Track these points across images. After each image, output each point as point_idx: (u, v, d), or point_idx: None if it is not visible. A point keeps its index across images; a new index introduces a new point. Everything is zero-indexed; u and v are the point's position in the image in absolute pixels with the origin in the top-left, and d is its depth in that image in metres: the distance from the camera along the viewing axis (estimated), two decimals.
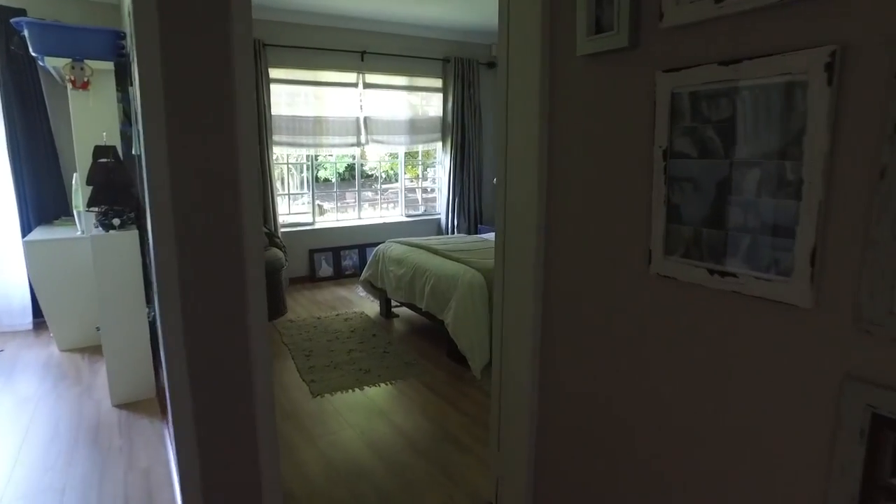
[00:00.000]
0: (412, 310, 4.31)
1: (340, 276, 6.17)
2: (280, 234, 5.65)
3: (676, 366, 1.37)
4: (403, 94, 6.33)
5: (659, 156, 1.37)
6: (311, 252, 6.03)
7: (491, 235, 5.30)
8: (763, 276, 1.18)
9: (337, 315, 4.87)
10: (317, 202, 7.08)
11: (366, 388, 3.39)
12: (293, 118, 5.70)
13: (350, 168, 7.10)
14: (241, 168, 1.46)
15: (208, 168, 1.47)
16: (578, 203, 1.66)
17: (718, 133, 1.24)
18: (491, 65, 6.76)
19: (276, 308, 4.79)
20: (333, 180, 6.56)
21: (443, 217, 6.72)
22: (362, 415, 3.05)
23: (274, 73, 5.49)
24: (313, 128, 5.81)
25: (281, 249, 5.11)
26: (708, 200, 1.28)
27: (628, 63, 1.43)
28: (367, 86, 6.05)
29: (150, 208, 1.42)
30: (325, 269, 6.11)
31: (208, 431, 1.62)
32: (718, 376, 1.28)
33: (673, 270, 1.37)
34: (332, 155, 6.31)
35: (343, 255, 6.20)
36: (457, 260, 3.98)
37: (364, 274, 4.89)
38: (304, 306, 5.19)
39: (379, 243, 6.27)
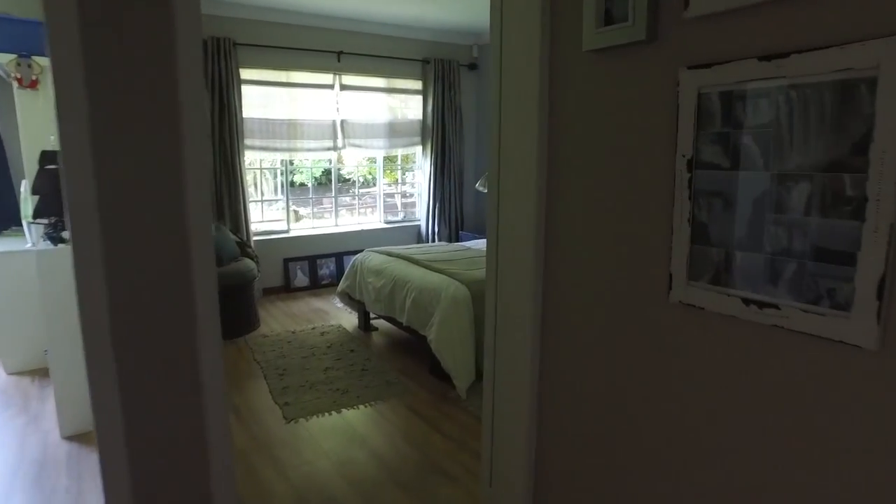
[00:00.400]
0: (392, 324, 4.09)
1: (317, 285, 5.91)
2: (253, 243, 5.38)
3: (700, 409, 1.18)
4: (381, 96, 6.11)
5: (682, 166, 1.18)
6: (286, 261, 5.77)
7: (475, 243, 5.10)
8: (812, 308, 1.00)
9: (313, 328, 4.62)
10: (293, 208, 6.81)
11: (343, 410, 3.16)
12: (266, 121, 5.44)
13: (327, 173, 6.85)
14: (188, 176, 1.23)
15: (144, 176, 1.24)
16: (583, 219, 1.47)
17: (757, 140, 1.06)
18: (472, 66, 6.58)
19: (248, 322, 4.52)
20: (309, 185, 6.30)
21: (423, 223, 6.51)
22: (339, 441, 2.81)
23: (245, 73, 5.22)
24: (287, 131, 5.56)
25: (253, 259, 4.85)
26: (743, 219, 1.10)
27: (645, 59, 1.25)
28: (343, 87, 5.82)
29: (70, 222, 1.18)
30: (301, 279, 5.84)
31: (146, 480, 1.38)
32: (754, 425, 1.09)
33: (699, 298, 1.19)
34: (307, 159, 6.05)
35: (319, 264, 5.95)
36: (439, 271, 3.77)
37: (341, 285, 4.65)
38: (278, 319, 4.92)
39: (357, 251, 6.03)
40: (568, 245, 1.52)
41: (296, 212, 7.46)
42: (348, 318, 4.87)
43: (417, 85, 6.30)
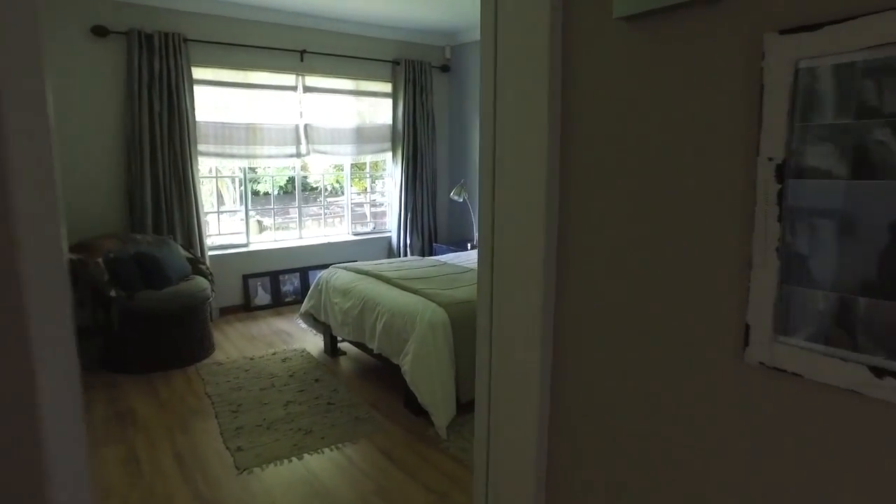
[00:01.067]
0: (362, 350, 3.68)
1: (279, 303, 5.46)
2: (208, 259, 4.90)
3: None
4: (349, 99, 5.71)
5: (769, 174, 0.83)
6: (246, 278, 5.30)
7: (450, 258, 4.72)
8: None
9: (273, 354, 4.17)
10: (257, 219, 6.36)
11: (306, 455, 2.74)
12: (222, 125, 4.98)
13: (293, 181, 6.43)
14: (14, 178, 0.81)
15: None
16: (610, 244, 1.10)
17: None
18: (445, 68, 6.23)
19: (201, 347, 4.06)
20: (272, 194, 5.85)
21: (394, 235, 6.11)
22: (300, 497, 2.40)
23: (198, 72, 4.77)
24: (246, 136, 5.11)
25: (207, 277, 4.38)
26: (873, 250, 0.75)
27: (709, 22, 0.89)
28: (307, 89, 5.41)
29: None
30: (262, 297, 5.38)
31: None
32: None
33: (793, 361, 0.83)
34: (268, 167, 5.60)
35: (282, 281, 5.50)
36: (413, 291, 3.39)
37: (304, 305, 4.22)
38: (235, 343, 4.46)
39: (323, 266, 5.60)
40: (588, 276, 1.15)
41: (259, 222, 7.01)
42: (313, 341, 4.44)
43: (387, 87, 5.92)
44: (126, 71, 4.35)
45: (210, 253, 5.05)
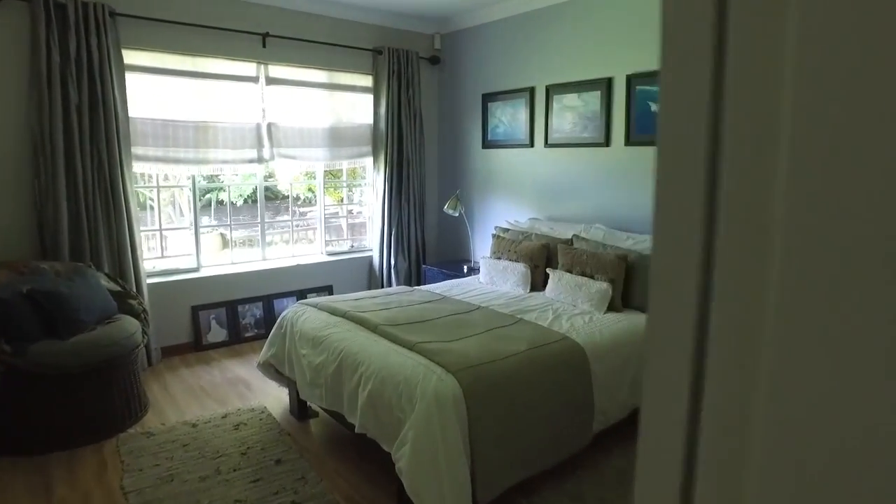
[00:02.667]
0: (339, 422, 2.78)
1: (237, 339, 4.51)
2: (145, 290, 3.94)
3: None
4: (321, 94, 4.80)
5: None
6: (196, 310, 4.34)
7: (450, 287, 3.83)
8: None
9: (225, 417, 3.23)
10: (220, 231, 5.41)
11: None
12: (165, 123, 4.03)
13: (256, 192, 5.50)
14: None
15: None
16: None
17: None
18: (434, 60, 5.37)
19: (128, 411, 3.11)
20: (228, 206, 4.89)
21: (375, 255, 5.21)
22: None
23: (132, 56, 3.81)
24: (195, 137, 4.17)
25: (139, 316, 3.42)
26: None
27: None
28: (271, 81, 4.49)
29: None
30: (216, 333, 4.43)
31: None
32: None
33: None
34: (222, 174, 4.65)
35: (241, 312, 4.55)
36: (409, 346, 2.50)
37: (264, 354, 3.29)
38: (177, 399, 3.51)
39: (291, 295, 4.68)
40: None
41: (223, 235, 6.08)
42: (277, 395, 3.51)
43: (367, 81, 5.03)
44: (30, 50, 3.38)
45: (150, 281, 4.09)
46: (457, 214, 4.83)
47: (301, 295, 4.81)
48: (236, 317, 4.51)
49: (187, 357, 4.23)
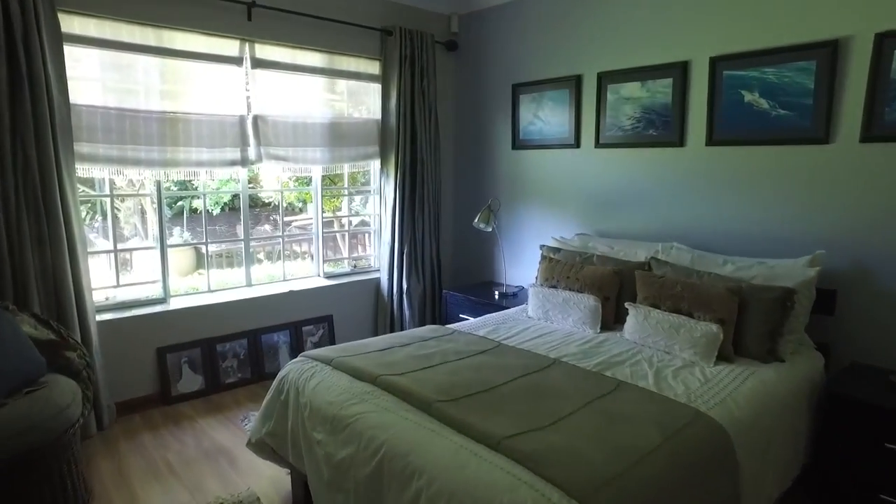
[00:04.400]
0: None
1: (216, 387, 3.58)
2: (94, 331, 3.00)
3: None
4: (319, 82, 3.92)
5: None
6: (162, 352, 3.41)
7: (488, 323, 2.96)
8: None
9: None
10: (194, 244, 4.50)
11: None
12: (122, 114, 3.11)
13: (235, 199, 4.61)
14: None
15: None
16: None
17: None
18: (451, 46, 4.53)
19: None
20: (203, 217, 3.96)
21: (384, 276, 4.33)
22: None
23: (72, 23, 2.89)
24: (162, 132, 3.25)
25: (80, 374, 2.49)
26: None
27: None
28: (258, 64, 3.59)
29: None
30: (190, 380, 3.49)
31: None
32: None
33: None
34: (193, 178, 3.72)
35: (221, 352, 3.62)
36: (495, 446, 1.64)
37: (256, 430, 2.38)
38: (133, 482, 2.59)
39: (283, 328, 3.78)
40: None
41: (197, 250, 5.20)
42: (271, 476, 2.62)
43: (374, 67, 4.17)
44: None
45: (101, 318, 3.15)
46: (490, 229, 3.98)
47: (295, 329, 3.91)
48: (214, 359, 3.58)
49: (151, 415, 3.28)
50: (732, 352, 2.52)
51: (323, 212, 4.20)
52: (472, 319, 3.22)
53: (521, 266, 4.22)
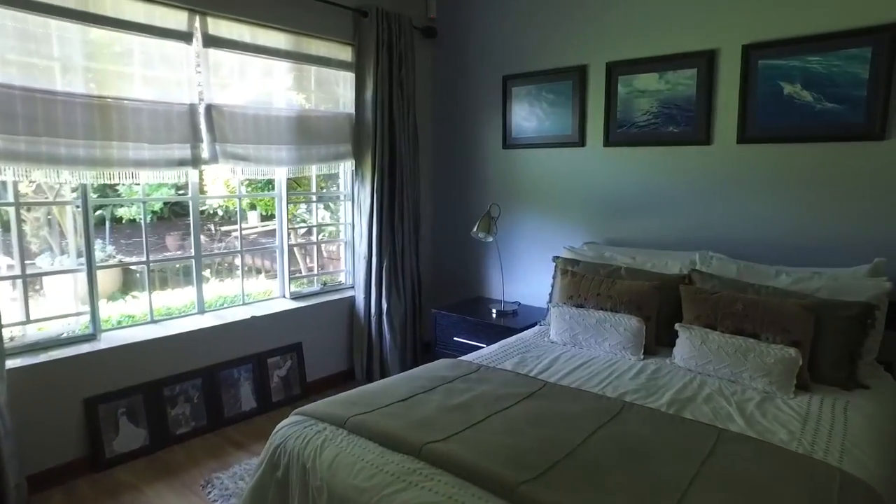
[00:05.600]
0: None
1: (165, 442, 2.87)
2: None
3: None
4: (284, 67, 3.31)
5: None
6: (92, 403, 2.67)
7: (518, 354, 2.45)
8: None
9: None
10: (119, 258, 3.76)
11: None
12: (29, 96, 2.38)
13: (177, 207, 3.95)
14: None
15: None
16: None
17: None
18: (428, 32, 4.02)
19: None
20: (143, 228, 3.23)
21: (359, 294, 3.74)
22: None
23: None
24: (89, 122, 2.53)
25: None
26: None
27: None
28: (211, 42, 2.94)
29: None
30: (130, 436, 2.77)
31: None
32: None
33: None
34: (131, 181, 3.00)
35: (169, 397, 2.92)
36: None
37: None
38: None
39: (245, 361, 3.14)
40: None
41: (128, 272, 4.48)
42: None
43: (346, 53, 3.59)
44: None
45: (10, 365, 2.39)
46: (491, 239, 3.49)
47: (259, 361, 3.26)
48: (161, 406, 2.87)
49: (77, 487, 2.54)
50: (809, 378, 2.17)
51: (289, 221, 3.56)
52: (486, 348, 2.71)
53: (515, 280, 3.76)
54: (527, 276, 3.73)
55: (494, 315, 3.46)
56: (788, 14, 2.66)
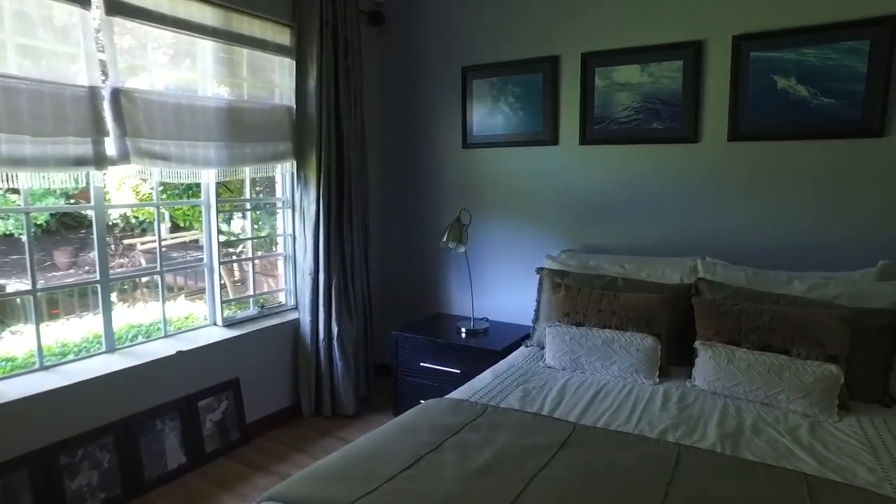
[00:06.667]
0: None
1: None
2: None
3: None
4: (210, 47, 2.73)
5: None
6: None
7: (516, 386, 2.06)
8: None
9: None
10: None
11: None
12: None
13: (71, 219, 3.31)
14: None
15: None
16: None
17: None
18: (375, 18, 3.57)
19: None
20: (26, 244, 2.53)
21: (305, 317, 3.21)
22: None
23: None
24: None
25: None
26: None
27: None
28: (116, 9, 2.32)
29: None
30: None
31: None
32: None
33: None
34: (6, 185, 2.32)
35: (70, 465, 2.25)
36: None
37: None
38: None
39: (170, 409, 2.57)
40: None
41: (5, 299, 3.68)
42: None
43: (284, 35, 3.07)
44: None
45: None
46: (463, 249, 3.09)
47: (187, 405, 2.66)
48: (56, 479, 2.20)
49: None
50: (847, 396, 1.96)
51: (220, 233, 2.96)
52: (478, 378, 2.30)
53: (481, 294, 3.39)
54: (494, 289, 3.37)
55: (464, 334, 3.07)
56: (781, 4, 2.50)
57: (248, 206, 3.22)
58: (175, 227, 4.13)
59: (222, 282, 3.05)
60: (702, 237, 2.76)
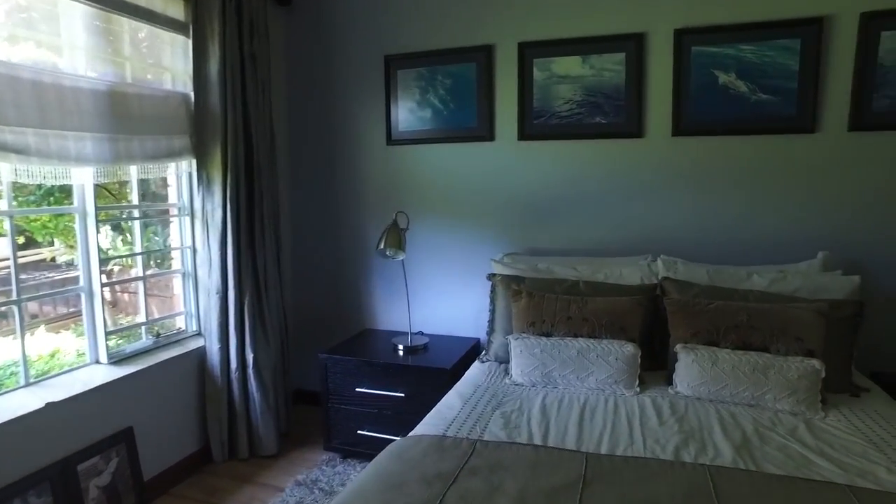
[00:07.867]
0: None
1: None
2: None
3: None
4: (82, 11, 2.16)
5: None
6: None
7: (486, 413, 1.80)
8: None
9: None
10: None
11: None
12: None
13: None
14: None
15: None
16: None
17: None
18: None
19: None
20: None
21: (211, 344, 2.69)
22: None
23: None
24: None
25: None
26: None
27: None
28: None
29: None
30: None
31: None
32: None
33: None
34: None
35: None
36: None
37: None
38: None
39: (37, 477, 1.95)
40: None
41: None
42: None
43: (177, 8, 2.55)
44: None
45: None
46: (402, 257, 2.75)
47: (63, 471, 2.07)
48: None
49: None
50: (825, 390, 1.93)
51: (100, 250, 2.36)
52: (444, 403, 1.99)
53: (410, 305, 3.08)
54: (428, 299, 3.08)
55: (402, 352, 2.75)
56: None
57: (135, 213, 2.62)
58: (29, 243, 3.33)
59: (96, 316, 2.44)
60: (648, 234, 2.69)
